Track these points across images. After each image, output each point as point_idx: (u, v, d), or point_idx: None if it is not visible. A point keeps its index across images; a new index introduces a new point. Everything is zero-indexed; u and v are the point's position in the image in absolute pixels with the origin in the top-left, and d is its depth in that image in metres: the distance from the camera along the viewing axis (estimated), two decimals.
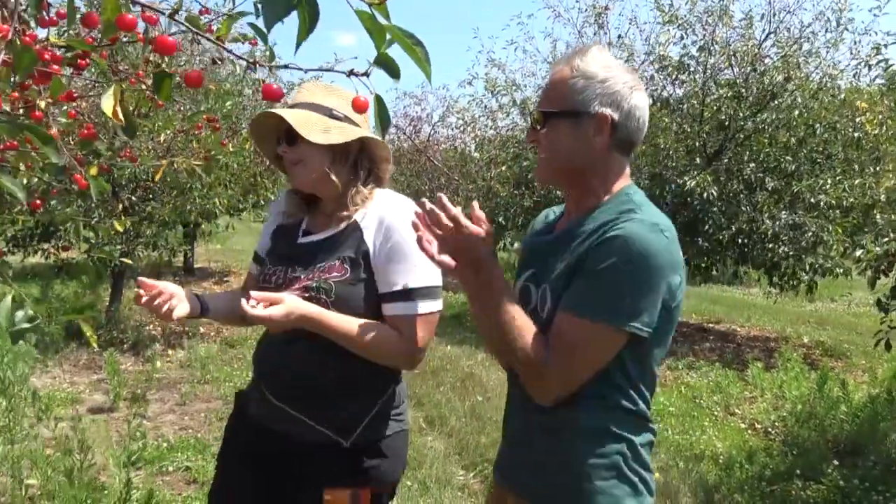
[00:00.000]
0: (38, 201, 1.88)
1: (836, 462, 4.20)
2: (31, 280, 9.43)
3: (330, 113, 1.72)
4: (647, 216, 1.39)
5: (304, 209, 1.85)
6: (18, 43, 0.86)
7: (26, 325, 1.52)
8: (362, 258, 1.69)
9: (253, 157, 7.25)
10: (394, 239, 1.68)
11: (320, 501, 1.64)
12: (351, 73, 0.77)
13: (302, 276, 1.71)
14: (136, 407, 4.97)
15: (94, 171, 2.17)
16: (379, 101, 0.81)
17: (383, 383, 1.75)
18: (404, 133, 15.82)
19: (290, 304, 1.60)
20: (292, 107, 1.74)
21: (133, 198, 6.57)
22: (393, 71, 0.77)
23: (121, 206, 6.26)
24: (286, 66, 0.86)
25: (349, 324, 1.64)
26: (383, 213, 1.71)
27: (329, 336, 1.64)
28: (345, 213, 1.74)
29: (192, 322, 7.97)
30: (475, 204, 1.41)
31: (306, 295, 1.67)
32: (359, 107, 0.86)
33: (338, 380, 1.69)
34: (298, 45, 0.77)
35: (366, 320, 1.66)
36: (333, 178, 1.72)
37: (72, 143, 1.82)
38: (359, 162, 1.76)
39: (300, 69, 0.87)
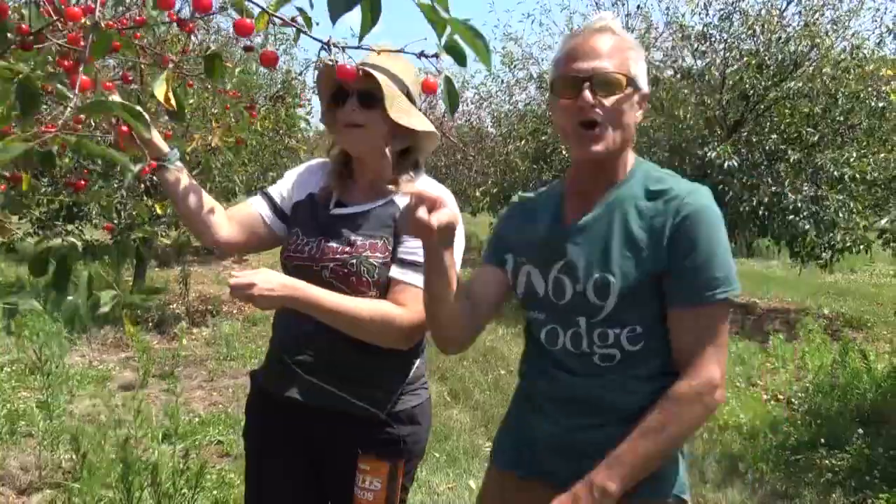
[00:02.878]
0: (82, 182, 1.92)
1: (860, 431, 4.22)
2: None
3: (407, 92, 1.67)
4: (689, 184, 1.39)
5: (339, 181, 1.77)
6: (102, 25, 0.89)
7: (108, 307, 1.56)
8: (395, 234, 1.66)
9: (273, 136, 7.27)
10: None
11: (355, 471, 1.63)
12: (421, 54, 0.79)
13: (336, 247, 1.65)
14: (166, 384, 5.06)
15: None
16: (448, 82, 0.83)
17: (412, 353, 1.73)
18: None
19: (279, 279, 1.54)
20: (368, 65, 1.63)
21: (155, 178, 6.61)
22: (460, 57, 0.79)
23: (143, 187, 6.31)
24: (359, 47, 0.85)
25: (343, 299, 1.57)
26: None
27: (320, 313, 1.57)
28: (384, 189, 1.71)
29: (215, 300, 8.07)
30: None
31: (344, 270, 1.62)
32: (428, 88, 0.88)
33: (367, 350, 1.64)
34: (361, 38, 0.79)
35: (360, 299, 1.60)
36: (388, 154, 1.69)
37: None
38: (412, 148, 1.74)
39: (373, 50, 0.88)
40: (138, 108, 0.88)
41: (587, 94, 1.31)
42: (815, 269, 9.20)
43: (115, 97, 1.41)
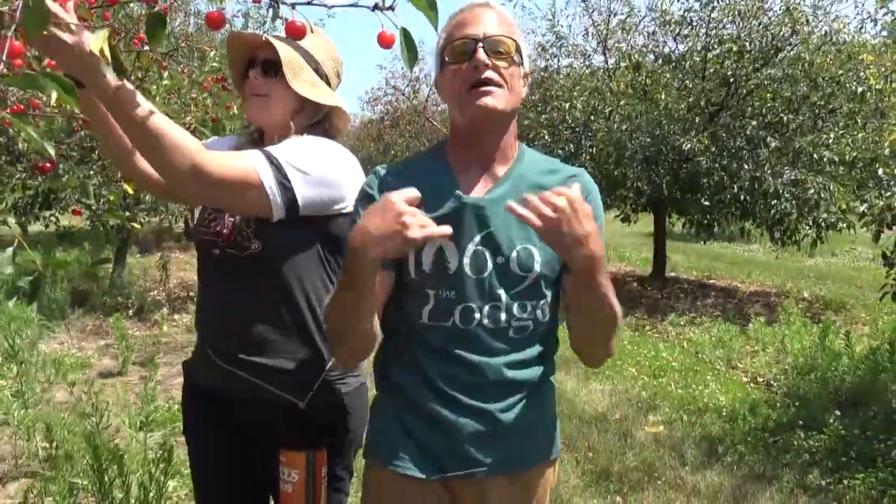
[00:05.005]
0: (47, 164, 1.87)
1: (837, 413, 4.26)
2: (32, 248, 9.45)
3: (317, 67, 1.65)
4: (574, 167, 1.48)
5: (254, 147, 1.65)
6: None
7: (28, 280, 1.49)
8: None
9: None
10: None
11: (277, 463, 1.60)
12: (375, 7, 0.75)
13: (237, 222, 1.61)
14: (145, 370, 5.02)
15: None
16: (405, 34, 0.80)
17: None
18: (402, 94, 15.67)
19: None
20: (274, 36, 1.61)
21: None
22: (426, 10, 0.75)
23: (120, 172, 6.22)
24: (309, 3, 0.82)
25: (145, 104, 1.30)
26: (313, 140, 1.62)
27: (109, 105, 1.32)
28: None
29: (196, 286, 8.01)
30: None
31: (232, 236, 1.58)
32: (385, 41, 0.84)
33: (283, 328, 1.60)
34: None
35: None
36: (291, 125, 1.64)
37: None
38: (320, 123, 1.69)
39: (325, 6, 0.84)
40: (71, 83, 0.84)
41: (481, 53, 1.30)
42: (796, 252, 9.28)
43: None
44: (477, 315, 1.36)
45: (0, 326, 4.97)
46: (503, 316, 1.37)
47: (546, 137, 8.53)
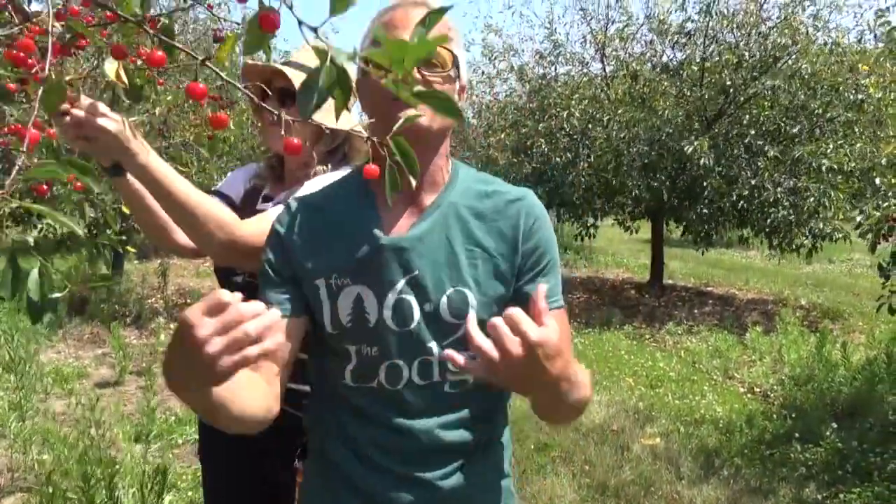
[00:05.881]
0: (43, 187, 1.87)
1: (834, 425, 4.27)
2: (19, 253, 9.45)
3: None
4: (515, 186, 1.27)
5: (272, 177, 1.76)
6: (53, 76, 0.86)
7: (56, 296, 1.50)
8: None
9: (251, 130, 7.21)
10: None
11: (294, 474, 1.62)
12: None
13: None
14: (143, 380, 5.01)
15: None
16: (391, 171, 0.77)
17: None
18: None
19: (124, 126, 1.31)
20: (286, 64, 1.63)
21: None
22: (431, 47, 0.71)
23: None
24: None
25: (181, 180, 1.38)
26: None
27: (149, 184, 1.37)
28: (296, 178, 1.68)
29: (195, 294, 8.01)
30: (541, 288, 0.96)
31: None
32: (370, 174, 0.82)
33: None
34: (337, 118, 0.74)
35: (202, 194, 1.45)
36: (314, 154, 1.66)
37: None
38: (340, 146, 1.71)
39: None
40: (88, 164, 0.86)
41: (427, 62, 1.09)
42: (794, 259, 9.29)
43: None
44: (405, 373, 1.18)
45: (5, 339, 4.98)
46: (436, 371, 1.18)
47: (543, 146, 8.55)
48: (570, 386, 1.02)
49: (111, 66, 1.27)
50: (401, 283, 1.15)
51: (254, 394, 1.09)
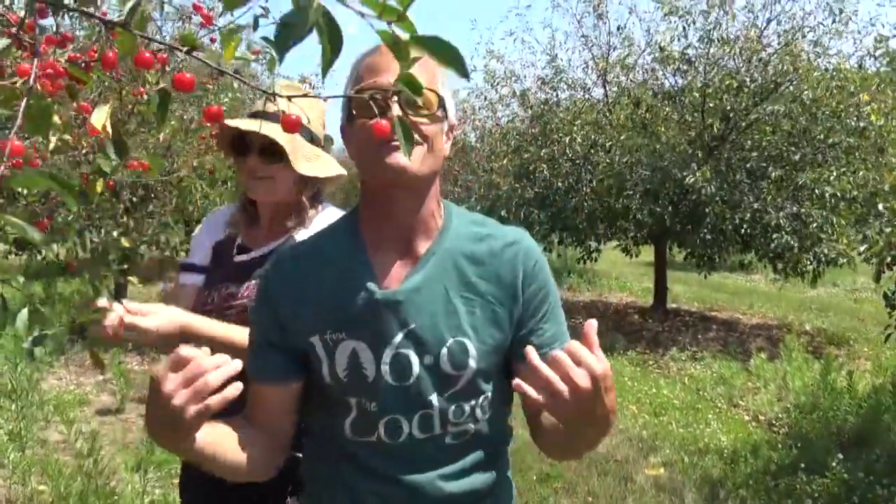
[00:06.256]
0: (45, 221, 1.88)
1: (840, 455, 4.22)
2: (35, 278, 9.47)
3: (311, 136, 1.64)
4: (509, 227, 1.25)
5: (245, 224, 1.73)
6: (39, 89, 0.86)
7: (44, 333, 1.51)
8: None
9: None
10: None
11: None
12: (371, 97, 0.72)
13: (237, 292, 1.62)
14: (144, 408, 4.99)
15: (99, 187, 2.19)
16: (402, 123, 0.76)
17: None
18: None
19: (170, 313, 1.44)
20: (264, 115, 1.60)
21: (134, 198, 6.57)
22: (416, 89, 0.72)
23: (122, 207, 6.26)
24: (305, 96, 0.78)
25: (235, 330, 1.49)
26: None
27: (213, 345, 1.49)
28: (284, 228, 1.67)
29: None
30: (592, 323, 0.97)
31: (246, 313, 1.55)
32: (380, 131, 0.79)
33: None
34: (325, 73, 0.73)
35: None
36: (304, 201, 1.66)
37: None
38: (321, 189, 1.72)
39: (318, 97, 0.83)
40: (70, 181, 0.86)
41: (396, 109, 1.05)
42: (798, 283, 9.26)
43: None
44: (405, 427, 1.15)
45: (2, 363, 4.97)
46: (437, 423, 1.16)
47: (545, 171, 8.57)
48: (613, 419, 1.04)
49: (98, 117, 1.27)
50: (398, 338, 1.13)
51: (252, 450, 1.13)
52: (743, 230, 7.77)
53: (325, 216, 1.68)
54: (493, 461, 1.25)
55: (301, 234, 1.63)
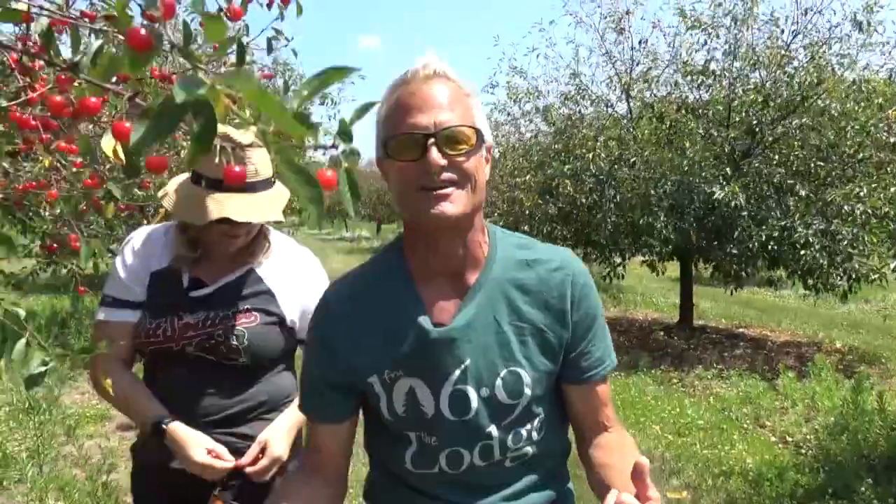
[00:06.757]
0: (53, 246, 1.90)
1: (870, 480, 4.09)
2: (51, 291, 9.67)
3: (270, 182, 1.65)
4: (556, 247, 1.27)
5: (189, 257, 1.69)
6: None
7: (41, 370, 1.50)
8: (267, 301, 1.69)
9: None
10: (309, 285, 1.71)
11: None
12: (316, 147, 0.72)
13: (195, 322, 1.62)
14: None
15: (110, 210, 2.20)
16: (349, 174, 0.74)
17: (290, 395, 1.78)
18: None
19: (275, 433, 1.64)
20: (239, 186, 1.56)
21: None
22: (348, 136, 0.73)
23: (146, 222, 6.33)
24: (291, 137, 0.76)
25: (294, 418, 1.70)
26: (287, 257, 1.77)
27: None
28: (242, 260, 1.71)
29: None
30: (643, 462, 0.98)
31: (210, 342, 1.60)
32: (326, 182, 0.78)
33: (261, 401, 1.72)
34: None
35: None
36: (263, 232, 1.75)
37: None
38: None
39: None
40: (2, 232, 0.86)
41: (434, 153, 1.05)
42: (829, 299, 9.06)
43: None
44: (466, 458, 1.19)
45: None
46: (497, 451, 1.19)
47: (569, 187, 8.51)
48: None
49: (108, 143, 1.27)
50: (455, 374, 1.15)
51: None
52: (769, 247, 7.63)
53: (279, 241, 1.78)
54: (553, 477, 1.29)
55: (265, 265, 1.72)
